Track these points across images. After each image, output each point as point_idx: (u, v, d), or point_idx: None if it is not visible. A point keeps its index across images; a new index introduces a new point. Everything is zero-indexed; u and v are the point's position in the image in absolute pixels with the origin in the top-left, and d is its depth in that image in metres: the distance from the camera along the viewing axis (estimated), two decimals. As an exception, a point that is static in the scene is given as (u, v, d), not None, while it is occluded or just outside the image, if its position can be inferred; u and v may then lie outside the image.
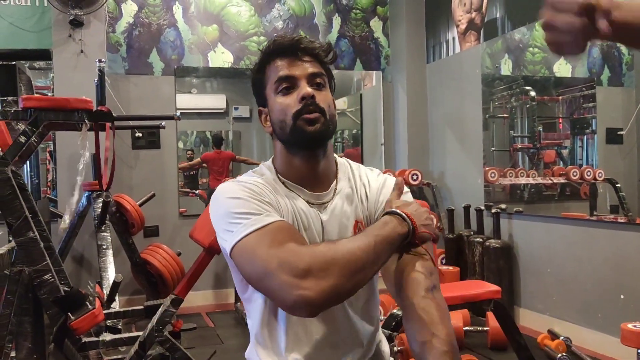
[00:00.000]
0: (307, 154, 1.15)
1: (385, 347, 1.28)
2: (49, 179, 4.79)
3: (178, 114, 3.13)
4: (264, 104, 1.18)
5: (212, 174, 5.59)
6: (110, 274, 3.48)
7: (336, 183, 1.20)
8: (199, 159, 5.77)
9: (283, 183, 1.16)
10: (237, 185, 1.10)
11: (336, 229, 1.17)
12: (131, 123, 3.98)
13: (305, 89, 1.11)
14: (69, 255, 3.89)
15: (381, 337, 1.29)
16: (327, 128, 1.12)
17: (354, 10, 5.09)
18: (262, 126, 1.19)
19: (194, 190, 5.59)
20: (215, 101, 6.03)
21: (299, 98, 1.10)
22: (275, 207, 1.09)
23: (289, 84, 1.12)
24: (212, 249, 2.10)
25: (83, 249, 4.06)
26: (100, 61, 2.99)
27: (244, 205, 1.04)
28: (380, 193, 1.22)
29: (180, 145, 6.27)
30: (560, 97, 4.27)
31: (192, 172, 5.95)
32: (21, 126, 2.40)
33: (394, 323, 2.56)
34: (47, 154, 4.73)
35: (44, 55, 2.25)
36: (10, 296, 2.55)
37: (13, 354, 2.73)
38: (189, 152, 6.10)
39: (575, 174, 3.85)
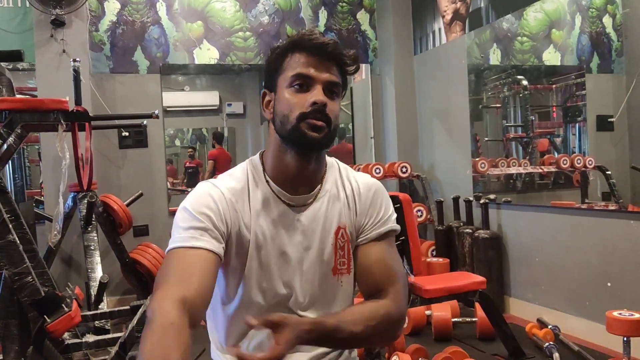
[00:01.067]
0: (300, 154, 1.13)
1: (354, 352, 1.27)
2: (41, 180, 4.77)
3: (156, 112, 3.11)
4: (271, 89, 1.15)
5: (218, 171, 5.60)
6: (98, 275, 3.47)
7: (322, 185, 1.19)
8: (212, 162, 5.80)
9: (267, 182, 1.15)
10: (202, 192, 1.11)
11: (317, 233, 1.16)
12: (116, 122, 3.96)
13: (320, 95, 1.09)
14: (57, 256, 3.88)
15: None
16: (329, 138, 1.11)
17: (340, 3, 5.06)
18: (263, 109, 1.17)
19: (187, 189, 5.58)
20: (208, 98, 6.02)
21: (310, 102, 1.08)
22: (223, 224, 1.08)
23: (303, 83, 1.10)
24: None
25: (71, 250, 4.04)
26: (74, 61, 2.97)
27: (188, 221, 1.07)
28: (369, 205, 1.21)
29: (177, 143, 6.27)
30: (554, 86, 4.25)
31: (191, 170, 5.96)
32: (-1, 129, 2.39)
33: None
34: (38, 155, 4.70)
35: (16, 56, 2.22)
36: (-8, 299, 2.55)
37: (0, 357, 2.74)
38: (190, 149, 6.10)
39: (565, 162, 3.84)
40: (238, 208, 1.11)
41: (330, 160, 1.23)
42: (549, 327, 3.14)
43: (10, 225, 2.18)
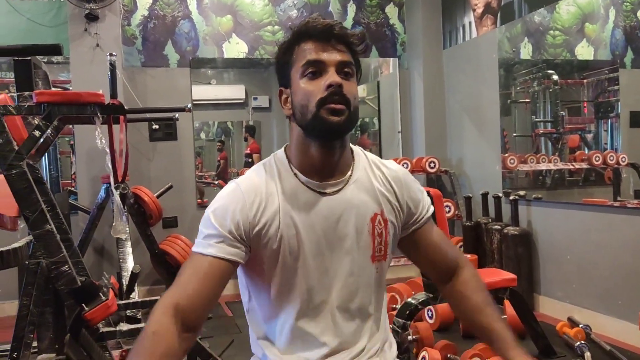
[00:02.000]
0: (324, 143, 1.11)
1: (393, 351, 1.27)
2: (72, 172, 4.87)
3: (189, 105, 3.15)
4: (286, 85, 1.14)
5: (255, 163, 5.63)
6: (129, 265, 3.54)
7: (352, 172, 1.17)
8: (258, 155, 5.84)
9: (295, 175, 1.14)
10: (227, 197, 1.13)
11: (352, 219, 1.15)
12: (147, 115, 4.02)
13: (334, 77, 1.07)
14: (90, 246, 3.96)
15: (390, 339, 1.28)
16: (351, 121, 1.09)
17: (369, -3, 5.04)
18: (281, 107, 1.16)
19: (214, 181, 5.63)
20: (234, 92, 6.05)
21: (326, 85, 1.06)
22: (245, 227, 1.09)
23: (316, 69, 1.08)
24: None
25: (103, 240, 4.13)
26: (111, 55, 3.02)
27: (207, 227, 1.10)
28: (409, 190, 1.22)
29: (203, 136, 6.33)
30: (585, 81, 4.17)
31: (220, 163, 6.00)
32: (37, 121, 2.44)
33: (407, 312, 2.56)
34: (69, 147, 4.80)
35: (55, 50, 2.26)
36: (28, 287, 2.62)
37: (35, 344, 2.81)
38: (219, 143, 6.15)
39: (597, 159, 3.77)
40: (265, 203, 1.11)
41: (356, 149, 1.22)
42: (580, 326, 3.10)
43: (48, 215, 2.23)
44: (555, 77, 4.23)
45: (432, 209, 1.26)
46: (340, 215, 1.14)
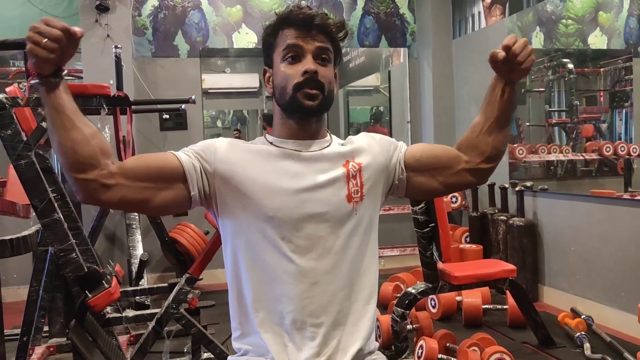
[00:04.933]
0: (301, 120, 1.21)
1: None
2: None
3: (193, 97, 3.19)
4: (270, 65, 1.24)
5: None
6: (139, 252, 3.62)
7: (329, 140, 1.25)
8: None
9: (271, 143, 1.21)
10: (211, 140, 1.24)
11: (325, 166, 1.20)
12: (158, 106, 4.08)
13: (309, 64, 1.15)
14: (101, 234, 4.05)
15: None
16: (325, 103, 1.18)
17: (379, -14, 5.03)
18: (265, 85, 1.25)
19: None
20: (248, 80, 6.09)
21: (302, 71, 1.15)
22: (212, 161, 1.16)
23: (295, 54, 1.17)
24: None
25: (114, 227, 4.21)
26: (116, 47, 3.07)
27: (194, 146, 1.21)
28: (380, 143, 1.28)
29: (219, 124, 6.39)
30: (602, 70, 4.13)
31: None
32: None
33: (407, 301, 2.59)
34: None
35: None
36: (38, 274, 2.71)
37: (46, 328, 2.91)
38: (235, 131, 6.21)
39: (608, 149, 3.75)
40: (237, 154, 1.19)
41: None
42: (582, 317, 3.11)
43: (56, 204, 2.30)
44: (570, 65, 4.19)
45: (403, 144, 1.31)
46: (313, 164, 1.20)
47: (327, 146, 1.23)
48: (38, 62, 0.99)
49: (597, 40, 3.96)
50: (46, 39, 0.96)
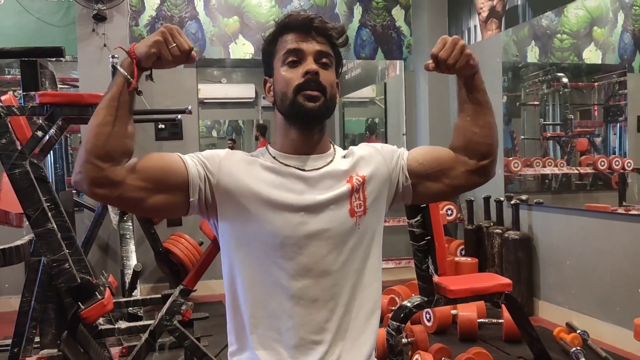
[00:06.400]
0: (304, 128, 1.17)
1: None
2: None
3: (190, 107, 3.19)
4: (270, 74, 1.21)
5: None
6: (133, 263, 3.59)
7: (333, 153, 1.21)
8: None
9: (274, 158, 1.18)
10: (217, 150, 1.22)
11: (328, 184, 1.17)
12: (154, 116, 4.07)
13: (311, 65, 1.13)
14: (95, 244, 4.02)
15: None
16: (327, 107, 1.15)
17: (375, -1, 5.06)
18: (265, 95, 1.23)
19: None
20: (244, 90, 6.10)
21: (303, 72, 1.13)
22: (215, 172, 1.14)
23: (295, 58, 1.15)
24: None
25: (108, 237, 4.18)
26: (113, 57, 3.06)
27: (200, 153, 1.19)
28: (381, 153, 1.25)
29: (214, 134, 6.39)
30: (596, 84, 4.16)
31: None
32: (41, 121, 2.49)
33: (402, 314, 2.58)
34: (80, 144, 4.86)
35: (56, 52, 2.31)
36: (30, 284, 2.68)
37: (37, 339, 2.87)
38: (230, 141, 6.20)
39: (602, 163, 3.76)
40: (241, 167, 1.16)
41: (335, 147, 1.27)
42: (578, 332, 3.10)
43: (50, 214, 2.28)
44: (565, 79, 4.22)
45: (405, 150, 1.28)
46: (316, 182, 1.17)
47: (331, 161, 1.20)
48: (151, 54, 1.04)
49: (591, 55, 3.99)
50: (175, 45, 1.04)
